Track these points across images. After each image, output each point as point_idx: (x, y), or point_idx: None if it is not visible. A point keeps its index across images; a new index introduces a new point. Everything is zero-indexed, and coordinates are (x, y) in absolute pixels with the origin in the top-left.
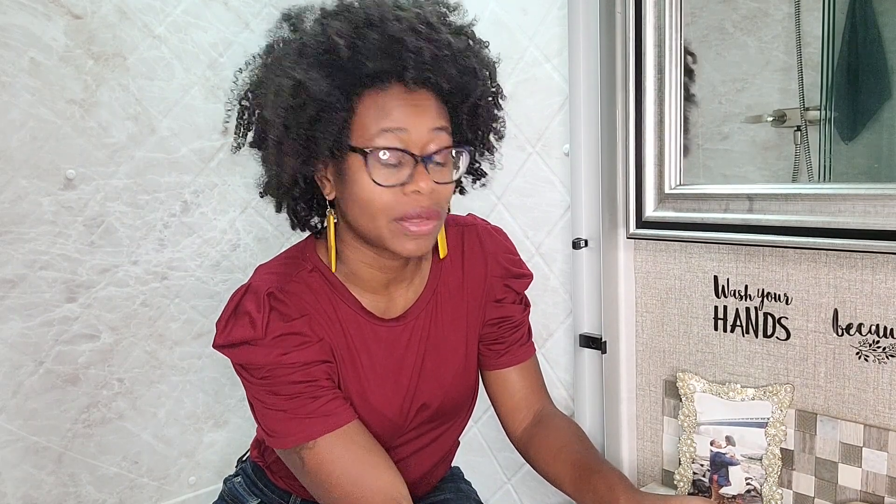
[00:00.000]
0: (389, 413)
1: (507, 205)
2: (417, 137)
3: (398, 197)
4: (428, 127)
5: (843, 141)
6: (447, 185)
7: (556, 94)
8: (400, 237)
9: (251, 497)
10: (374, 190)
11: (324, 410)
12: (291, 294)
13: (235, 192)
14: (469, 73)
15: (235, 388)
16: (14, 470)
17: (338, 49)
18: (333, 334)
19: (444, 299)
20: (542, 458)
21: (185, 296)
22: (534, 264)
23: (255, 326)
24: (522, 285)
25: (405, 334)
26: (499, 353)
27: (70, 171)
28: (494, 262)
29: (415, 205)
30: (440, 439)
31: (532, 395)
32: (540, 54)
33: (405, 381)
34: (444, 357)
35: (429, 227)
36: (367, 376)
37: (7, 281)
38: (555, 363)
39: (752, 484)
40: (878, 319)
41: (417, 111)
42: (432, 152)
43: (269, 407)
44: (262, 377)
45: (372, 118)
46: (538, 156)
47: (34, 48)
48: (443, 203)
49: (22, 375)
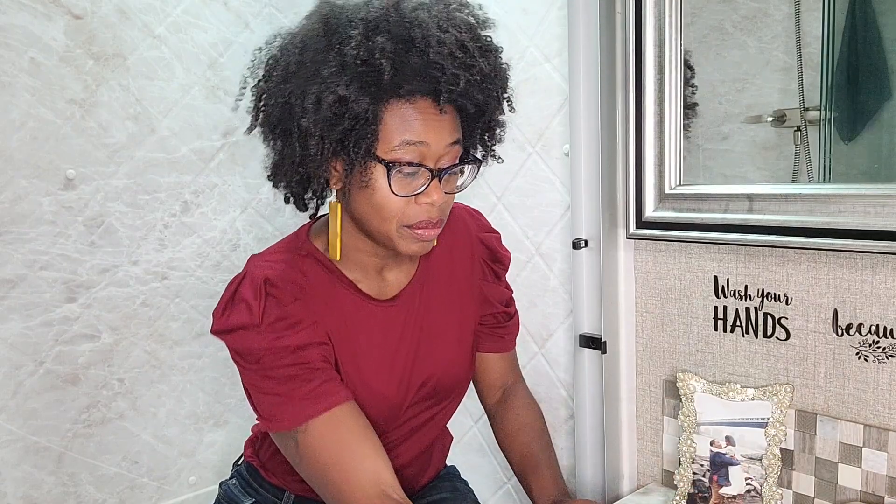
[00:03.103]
0: (388, 393)
1: (507, 205)
2: (435, 151)
3: (410, 206)
4: (445, 142)
5: (843, 141)
6: (454, 194)
7: (556, 94)
8: (407, 240)
9: (245, 497)
10: (389, 197)
11: (316, 393)
12: (287, 280)
13: (235, 192)
14: (492, 97)
15: (235, 388)
16: (14, 470)
17: (381, 70)
18: (330, 316)
19: (435, 280)
20: (499, 438)
21: (185, 296)
22: (534, 264)
23: (251, 312)
24: (504, 265)
25: (400, 315)
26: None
27: (70, 171)
28: (479, 243)
29: (424, 215)
30: (435, 418)
31: (506, 374)
32: (540, 54)
33: (402, 361)
34: (438, 336)
35: (435, 232)
36: (364, 356)
37: (7, 281)
38: (555, 363)
39: (752, 484)
40: (878, 319)
41: (439, 126)
42: (446, 166)
43: (265, 392)
44: (257, 361)
45: (396, 129)
46: (538, 156)
47: (34, 48)
48: (447, 210)
49: (22, 375)
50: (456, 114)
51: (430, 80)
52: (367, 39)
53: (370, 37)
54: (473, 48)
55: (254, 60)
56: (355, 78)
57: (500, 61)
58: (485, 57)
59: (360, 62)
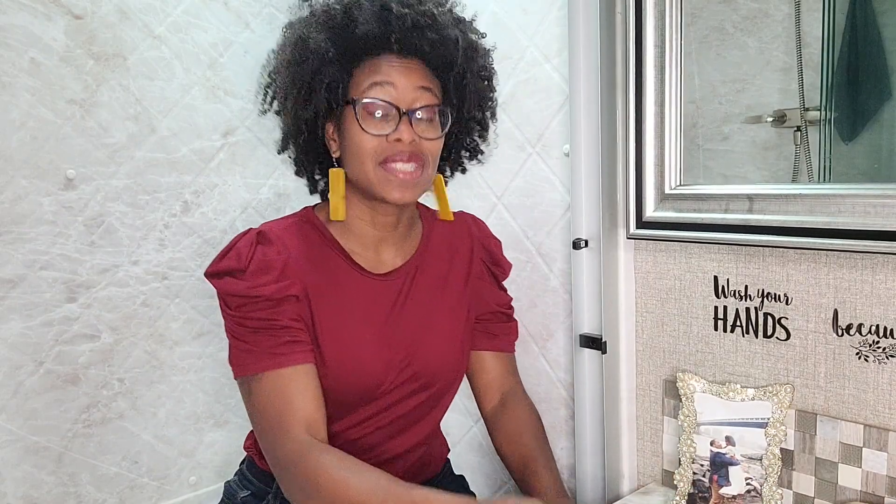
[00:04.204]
0: (370, 360)
1: (507, 205)
2: (404, 93)
3: (382, 143)
4: (414, 84)
5: (843, 141)
6: (432, 141)
7: (556, 94)
8: (386, 183)
9: (242, 490)
10: (363, 136)
11: (278, 349)
12: (278, 236)
13: (235, 193)
14: (450, 42)
15: (235, 388)
16: (14, 470)
17: (336, 15)
18: (313, 274)
19: (431, 267)
20: (498, 441)
21: (185, 296)
22: (534, 264)
23: (240, 259)
24: (503, 270)
25: (391, 291)
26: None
27: (70, 171)
28: (480, 247)
29: (397, 150)
30: (423, 409)
31: (503, 378)
32: (540, 54)
33: (387, 335)
34: (427, 321)
35: (413, 175)
36: (348, 321)
37: (7, 281)
38: (555, 363)
39: (752, 484)
40: (878, 320)
41: (405, 71)
42: (417, 108)
43: (237, 337)
44: (236, 307)
45: (365, 76)
46: (538, 156)
47: (34, 48)
48: (428, 155)
49: (22, 375)
50: (425, 67)
51: (380, 22)
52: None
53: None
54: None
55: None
56: (316, 26)
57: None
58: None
59: (323, 13)
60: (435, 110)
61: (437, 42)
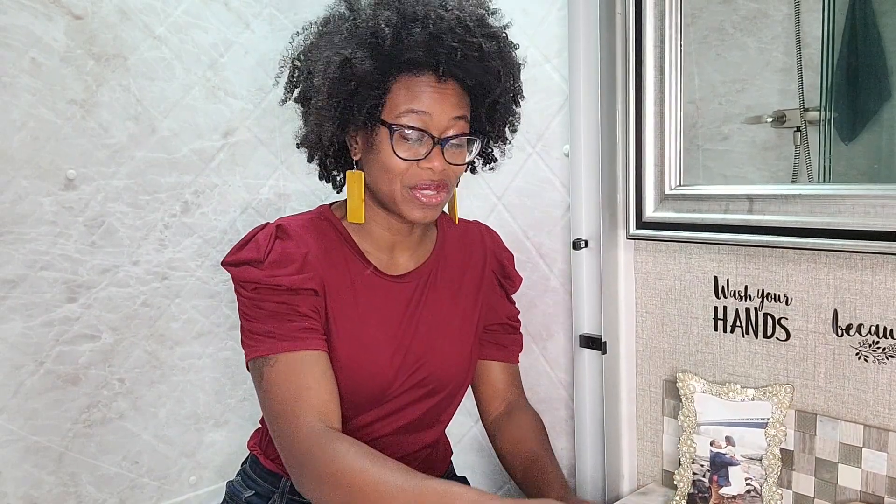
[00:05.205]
0: (381, 361)
1: (507, 205)
2: (439, 122)
3: (413, 169)
4: (449, 115)
5: (843, 142)
6: (459, 166)
7: (556, 95)
8: (410, 204)
9: (246, 490)
10: (394, 160)
11: (294, 334)
12: (297, 231)
13: (236, 193)
14: (492, 74)
15: (235, 388)
16: (14, 470)
17: (384, 37)
18: (331, 270)
19: (444, 274)
20: (502, 446)
21: (185, 296)
22: (534, 264)
23: (259, 251)
24: (514, 283)
25: (403, 293)
26: (499, 347)
27: (71, 172)
28: (493, 257)
29: (426, 178)
30: (430, 416)
31: (508, 387)
32: (540, 54)
33: (399, 337)
34: (439, 326)
35: (437, 199)
36: (362, 320)
37: (8, 281)
38: (555, 363)
39: (752, 484)
40: (878, 320)
41: (442, 98)
42: (450, 137)
43: (252, 319)
44: (253, 290)
45: (402, 98)
46: (538, 156)
47: (35, 48)
48: (452, 179)
49: (22, 375)
50: (462, 91)
51: (428, 52)
52: (377, 13)
53: (379, 11)
54: (474, 28)
55: (292, 42)
56: (362, 44)
57: (505, 47)
58: (486, 38)
59: (369, 32)
60: (465, 139)
61: (479, 73)
